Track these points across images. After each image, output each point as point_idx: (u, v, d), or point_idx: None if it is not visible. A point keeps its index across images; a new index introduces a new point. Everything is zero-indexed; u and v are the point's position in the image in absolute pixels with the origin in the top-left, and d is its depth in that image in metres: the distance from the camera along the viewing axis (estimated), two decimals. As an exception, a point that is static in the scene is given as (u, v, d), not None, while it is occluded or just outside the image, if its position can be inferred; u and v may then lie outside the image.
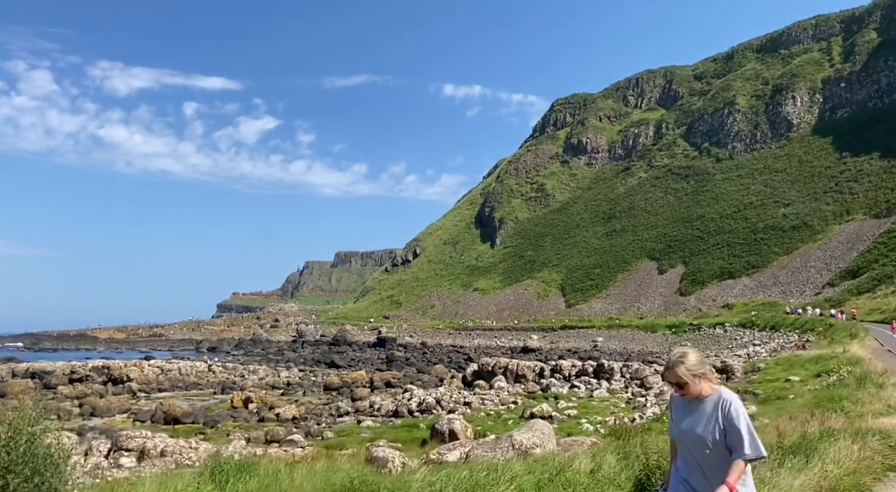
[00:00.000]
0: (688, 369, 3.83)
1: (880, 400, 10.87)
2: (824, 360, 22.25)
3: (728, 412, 3.70)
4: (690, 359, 3.87)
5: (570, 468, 5.73)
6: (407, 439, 16.08)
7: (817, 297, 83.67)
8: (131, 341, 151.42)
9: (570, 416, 20.09)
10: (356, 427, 20.12)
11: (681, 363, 3.86)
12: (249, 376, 40.87)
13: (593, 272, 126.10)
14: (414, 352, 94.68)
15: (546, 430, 11.81)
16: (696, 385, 3.84)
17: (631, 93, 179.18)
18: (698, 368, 3.85)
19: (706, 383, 3.85)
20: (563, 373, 32.97)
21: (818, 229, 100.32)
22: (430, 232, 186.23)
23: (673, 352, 3.99)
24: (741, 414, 3.71)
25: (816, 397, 14.12)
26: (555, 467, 5.76)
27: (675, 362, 3.87)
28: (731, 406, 3.71)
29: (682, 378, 3.83)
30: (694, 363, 3.85)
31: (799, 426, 8.48)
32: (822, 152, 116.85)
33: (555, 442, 11.85)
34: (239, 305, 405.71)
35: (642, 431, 13.13)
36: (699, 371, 3.84)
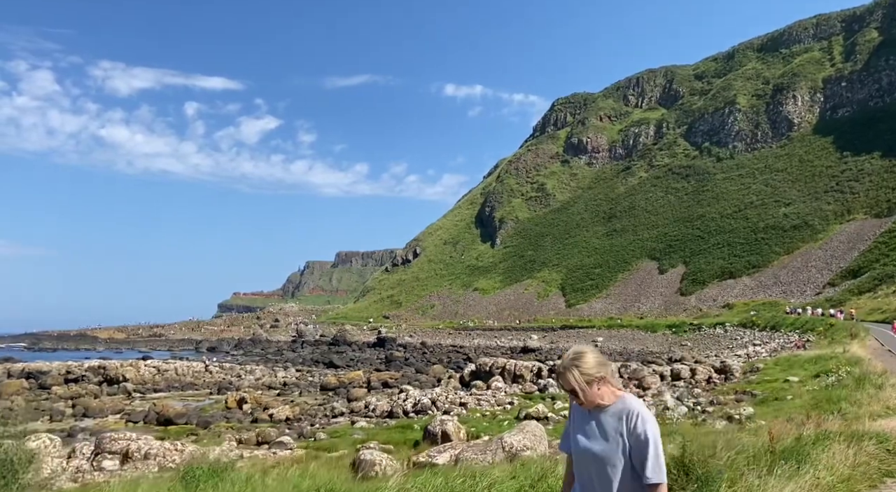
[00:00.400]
0: (583, 373, 3.21)
1: (879, 401, 10.63)
2: (824, 360, 22.03)
3: (634, 426, 3.09)
4: (586, 361, 3.23)
5: (553, 474, 5.50)
6: (399, 441, 15.84)
7: (818, 297, 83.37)
8: (131, 341, 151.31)
9: (566, 416, 19.85)
10: (350, 428, 19.90)
11: (573, 366, 3.23)
12: (246, 377, 40.66)
13: (593, 272, 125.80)
14: (413, 352, 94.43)
15: (538, 431, 11.57)
16: (594, 392, 3.21)
17: (631, 92, 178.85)
18: (596, 371, 3.22)
19: (607, 389, 3.23)
20: (561, 373, 32.68)
21: (819, 229, 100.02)
22: (430, 232, 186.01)
23: (567, 352, 3.38)
24: (650, 429, 3.09)
25: (814, 397, 13.89)
26: (537, 473, 5.53)
27: (567, 365, 3.24)
28: (639, 419, 3.10)
29: (573, 385, 3.21)
30: (591, 366, 3.21)
31: (794, 429, 8.25)
32: (822, 152, 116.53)
33: (547, 444, 11.62)
34: (240, 305, 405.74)
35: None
36: (597, 375, 3.21)
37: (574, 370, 3.21)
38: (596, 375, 3.20)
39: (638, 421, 3.09)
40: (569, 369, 3.22)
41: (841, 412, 9.59)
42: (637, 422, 3.09)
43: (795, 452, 5.50)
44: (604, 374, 3.23)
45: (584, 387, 3.17)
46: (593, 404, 3.20)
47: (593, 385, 3.18)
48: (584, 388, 3.18)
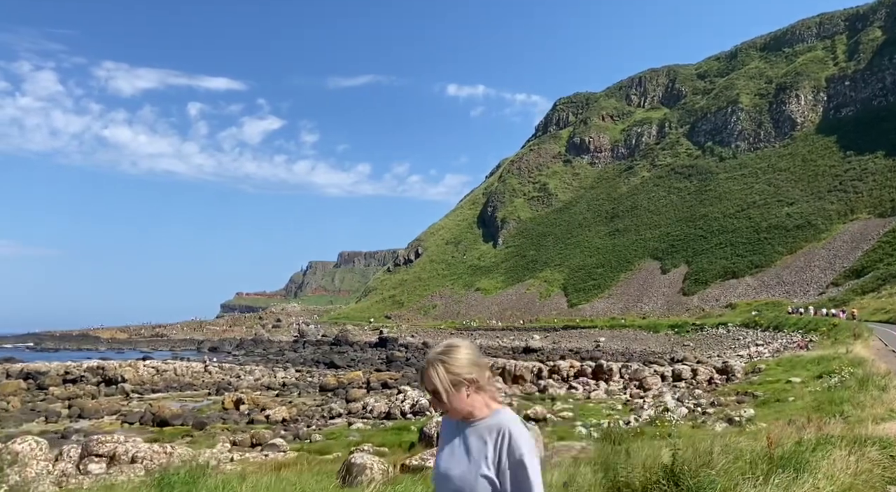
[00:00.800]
0: (450, 371, 2.52)
1: (882, 404, 10.36)
2: (826, 361, 21.74)
3: (508, 448, 2.42)
4: (457, 357, 2.54)
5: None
6: (395, 443, 15.60)
7: (821, 296, 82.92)
8: (133, 341, 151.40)
9: (565, 418, 19.60)
10: (346, 430, 19.66)
11: (439, 362, 2.54)
12: (245, 377, 40.47)
13: (596, 272, 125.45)
14: (415, 352, 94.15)
15: (535, 433, 11.25)
16: (461, 399, 2.52)
17: (634, 92, 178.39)
18: (467, 371, 2.52)
19: (480, 397, 2.56)
20: (562, 374, 32.49)
21: (822, 229, 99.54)
22: (432, 232, 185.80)
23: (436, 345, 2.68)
24: (527, 451, 2.41)
25: (816, 399, 13.62)
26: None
27: (433, 359, 2.56)
28: (513, 439, 2.42)
29: (436, 385, 2.52)
30: (462, 364, 2.53)
31: (794, 433, 7.98)
32: (826, 151, 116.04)
33: (542, 447, 11.32)
34: (242, 305, 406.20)
35: (635, 435, 12.65)
36: (467, 376, 2.52)
37: (439, 367, 2.53)
38: (466, 376, 2.52)
39: (511, 442, 2.42)
40: (433, 365, 2.54)
41: (843, 415, 9.32)
42: (510, 443, 2.42)
43: (794, 459, 5.25)
44: (476, 377, 2.54)
45: (449, 389, 2.50)
46: (460, 414, 2.56)
47: (461, 389, 2.51)
48: (448, 390, 2.50)
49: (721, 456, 5.48)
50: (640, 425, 13.95)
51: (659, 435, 12.15)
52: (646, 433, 12.71)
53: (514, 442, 2.41)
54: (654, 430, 12.97)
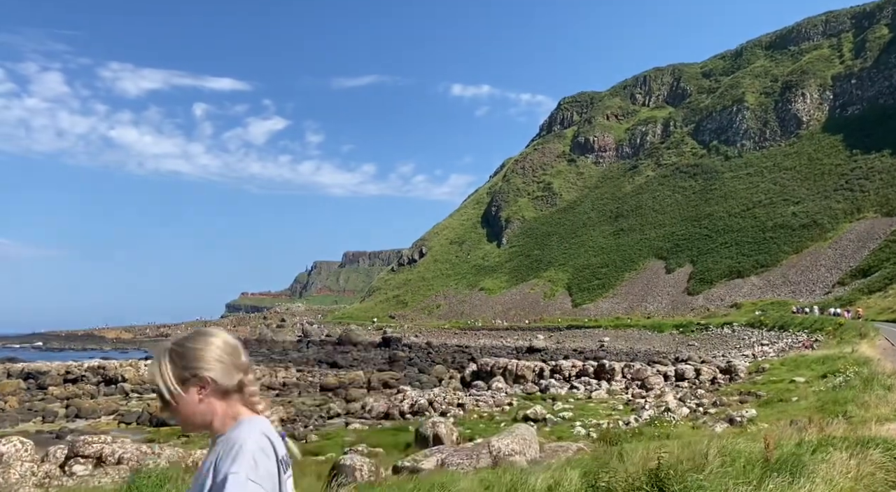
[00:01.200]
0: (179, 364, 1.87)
1: (887, 404, 10.06)
2: (831, 360, 21.40)
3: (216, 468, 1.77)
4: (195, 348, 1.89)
5: (524, 485, 4.99)
6: (391, 443, 15.37)
7: (827, 296, 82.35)
8: (138, 341, 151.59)
9: (565, 418, 19.33)
10: (343, 430, 19.45)
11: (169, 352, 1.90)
12: (246, 377, 40.26)
13: (600, 272, 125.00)
14: (418, 352, 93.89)
15: (528, 435, 11.06)
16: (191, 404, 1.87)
17: (638, 91, 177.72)
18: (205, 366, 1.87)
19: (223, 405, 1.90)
20: (564, 373, 32.19)
21: (828, 228, 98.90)
22: (436, 231, 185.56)
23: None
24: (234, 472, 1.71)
25: (820, 399, 13.32)
26: (504, 486, 5.03)
27: (163, 349, 1.92)
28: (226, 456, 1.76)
29: (158, 383, 1.89)
30: (198, 356, 1.88)
31: (795, 434, 7.69)
32: (832, 150, 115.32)
33: (537, 448, 11.11)
34: (247, 305, 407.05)
35: (633, 435, 12.38)
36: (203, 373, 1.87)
37: (165, 357, 1.89)
38: (202, 372, 1.86)
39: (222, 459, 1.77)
40: (161, 355, 1.91)
41: (846, 415, 9.02)
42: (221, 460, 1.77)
43: (791, 462, 4.97)
44: (218, 376, 1.87)
45: (173, 387, 1.85)
46: (192, 424, 1.91)
47: (191, 389, 1.86)
48: (171, 387, 1.85)
49: (716, 458, 5.21)
50: (639, 426, 13.68)
51: (657, 436, 11.88)
52: (644, 434, 12.44)
53: (224, 459, 1.76)
54: (652, 430, 12.70)
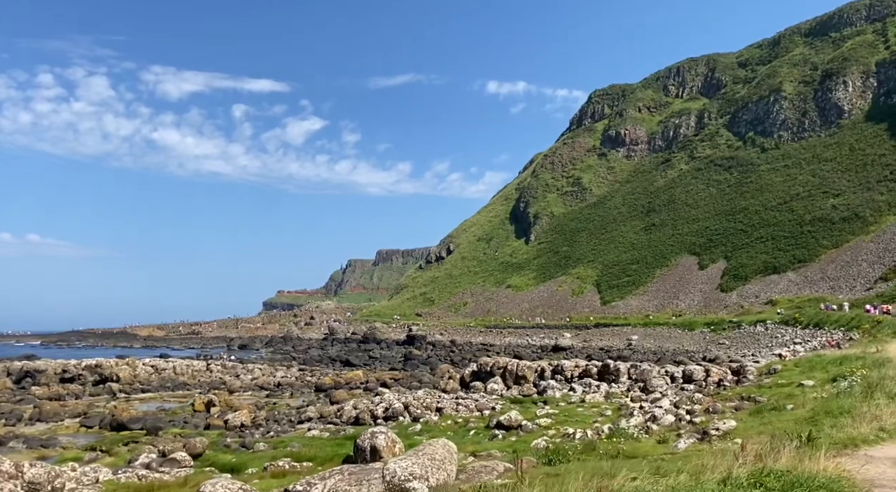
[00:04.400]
0: None
1: (875, 420, 8.05)
2: (849, 361, 19.06)
3: None
4: None
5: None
6: (329, 457, 13.78)
7: (868, 292, 77.92)
8: (168, 339, 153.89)
9: (541, 426, 17.47)
10: (297, 438, 17.95)
11: None
12: (244, 377, 39.25)
13: (630, 268, 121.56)
14: (441, 350, 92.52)
15: (441, 453, 9.27)
16: None
17: (672, 82, 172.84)
18: None
19: None
20: (566, 374, 30.23)
21: (871, 221, 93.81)
22: (464, 228, 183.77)
23: None
24: None
25: (814, 409, 11.23)
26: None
27: None
28: None
29: None
30: None
31: (728, 463, 5.79)
32: (875, 139, 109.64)
33: (452, 470, 9.33)
34: (283, 302, 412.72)
35: (584, 451, 10.51)
36: None
37: None
38: None
39: None
40: None
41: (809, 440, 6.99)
42: None
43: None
44: None
45: None
46: None
47: None
48: None
49: None
50: (601, 438, 11.76)
51: (607, 454, 10.00)
52: (598, 449, 10.57)
53: None
54: (607, 445, 10.80)
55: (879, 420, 7.89)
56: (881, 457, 6.26)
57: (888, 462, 6.03)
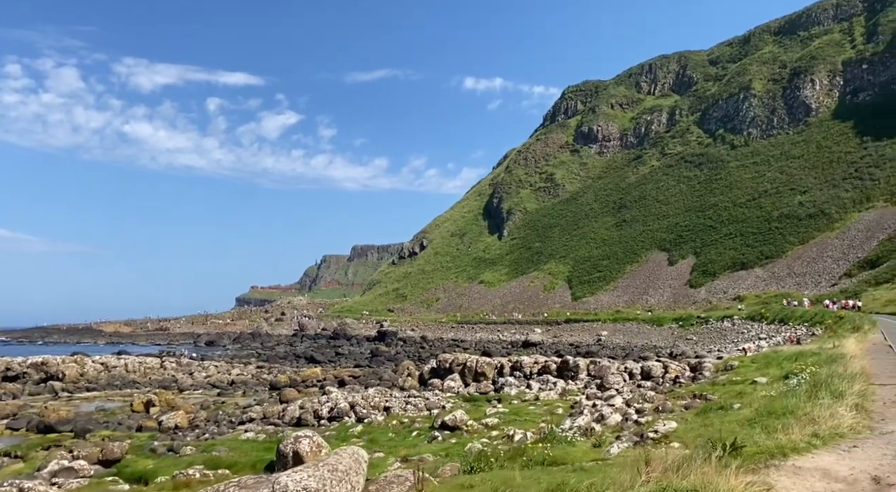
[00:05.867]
0: None
1: (813, 423, 7.39)
2: (805, 357, 18.62)
3: None
4: None
5: None
6: (254, 461, 12.88)
7: (833, 288, 78.84)
8: (134, 335, 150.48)
9: (488, 425, 16.73)
10: (230, 441, 16.99)
11: None
12: (198, 374, 37.95)
13: (601, 264, 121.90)
14: (411, 346, 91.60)
15: (345, 464, 8.38)
16: None
17: (644, 79, 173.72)
18: None
19: None
20: (525, 371, 29.59)
21: (836, 218, 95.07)
22: (437, 224, 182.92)
23: None
24: None
25: (758, 409, 10.59)
26: None
27: None
28: None
29: None
30: None
31: (634, 476, 5.03)
32: (841, 137, 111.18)
33: (359, 481, 8.45)
34: (257, 298, 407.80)
35: (512, 457, 9.74)
36: None
37: None
38: None
39: None
40: None
41: (734, 449, 6.27)
42: None
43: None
44: None
45: None
46: None
47: None
48: None
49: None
50: (534, 440, 11.02)
51: (531, 460, 9.25)
52: (525, 455, 9.81)
53: None
54: (539, 450, 10.05)
55: (816, 423, 7.22)
56: (810, 468, 5.59)
57: (817, 475, 5.36)
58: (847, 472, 5.38)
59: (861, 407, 8.76)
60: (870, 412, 8.67)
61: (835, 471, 5.43)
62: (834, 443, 6.57)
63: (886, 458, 5.83)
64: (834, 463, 5.68)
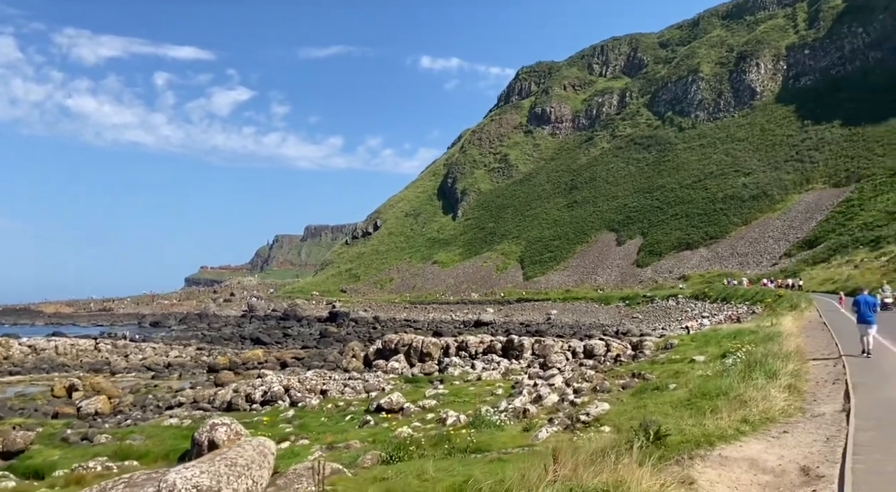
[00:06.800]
0: None
1: (744, 406, 7.05)
2: (743, 335, 18.71)
3: None
4: None
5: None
6: (168, 451, 12.05)
7: (774, 267, 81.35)
8: (76, 316, 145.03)
9: (424, 407, 16.24)
10: (151, 427, 16.07)
11: None
12: (133, 357, 36.46)
13: (552, 244, 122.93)
14: (363, 327, 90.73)
15: (247, 458, 7.69)
16: None
17: (596, 61, 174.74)
18: None
19: None
20: (470, 350, 29.24)
21: (778, 199, 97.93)
22: (391, 204, 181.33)
23: None
24: None
25: (692, 391, 10.33)
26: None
27: None
28: None
29: None
30: None
31: (542, 473, 4.50)
32: (784, 120, 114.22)
33: (262, 476, 7.79)
34: (207, 279, 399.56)
35: (437, 443, 9.21)
36: None
37: None
38: None
39: None
40: None
41: (658, 439, 5.86)
42: None
43: None
44: None
45: None
46: None
47: None
48: None
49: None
50: (461, 426, 10.51)
51: (455, 448, 8.73)
52: (451, 441, 9.29)
53: None
54: (457, 438, 9.55)
55: (747, 407, 6.91)
56: (738, 458, 5.22)
57: (744, 465, 4.98)
58: (776, 462, 5.02)
59: (794, 387, 8.54)
60: (802, 393, 8.44)
61: (763, 461, 5.06)
62: (764, 428, 6.24)
63: (816, 444, 5.51)
64: (763, 451, 5.33)
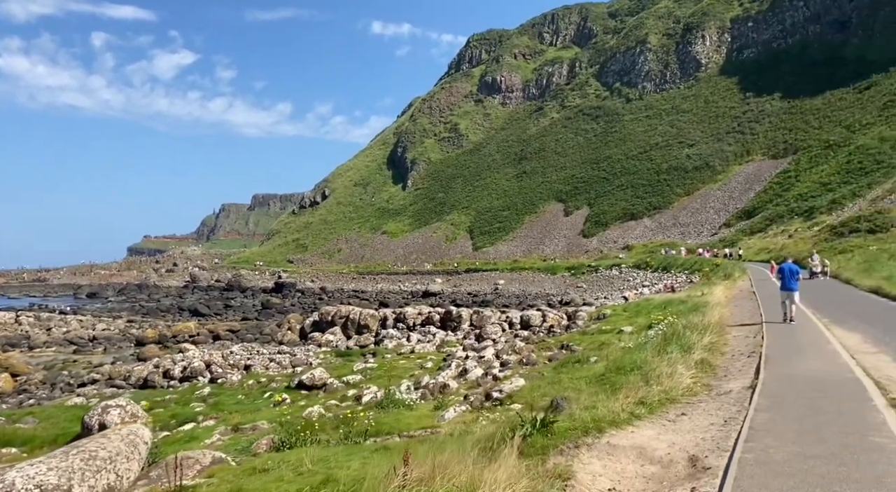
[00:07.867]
0: None
1: (649, 385, 6.69)
2: (672, 305, 18.69)
3: None
4: None
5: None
6: (58, 435, 11.17)
7: (713, 237, 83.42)
8: (6, 287, 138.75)
9: (349, 383, 15.70)
10: (52, 408, 15.07)
11: None
12: (56, 330, 34.73)
13: (501, 215, 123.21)
14: (309, 298, 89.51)
15: (111, 450, 6.94)
16: None
17: (546, 30, 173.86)
18: None
19: None
20: (408, 322, 28.76)
21: (719, 170, 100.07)
22: (340, 173, 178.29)
23: None
24: None
25: (608, 366, 10.02)
26: None
27: None
28: None
29: None
30: None
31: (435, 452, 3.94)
32: (727, 92, 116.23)
33: (131, 469, 7.06)
34: (150, 248, 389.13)
35: (335, 427, 8.63)
36: None
37: None
38: None
39: None
40: None
41: (550, 426, 5.41)
42: None
43: None
44: None
45: None
46: None
47: None
48: None
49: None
50: (377, 401, 9.96)
51: (354, 431, 8.18)
52: (353, 422, 8.72)
53: None
54: (355, 420, 9.00)
55: (649, 385, 6.54)
56: (627, 446, 4.82)
57: (632, 455, 4.58)
58: (665, 450, 4.63)
59: (706, 362, 8.27)
60: (714, 367, 8.18)
61: (652, 449, 4.67)
62: (662, 410, 5.88)
63: (712, 430, 5.16)
64: (654, 438, 4.94)
